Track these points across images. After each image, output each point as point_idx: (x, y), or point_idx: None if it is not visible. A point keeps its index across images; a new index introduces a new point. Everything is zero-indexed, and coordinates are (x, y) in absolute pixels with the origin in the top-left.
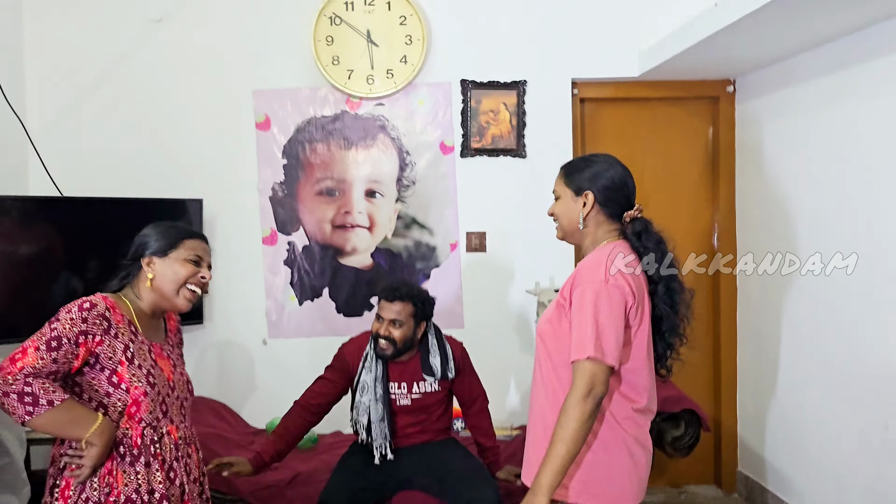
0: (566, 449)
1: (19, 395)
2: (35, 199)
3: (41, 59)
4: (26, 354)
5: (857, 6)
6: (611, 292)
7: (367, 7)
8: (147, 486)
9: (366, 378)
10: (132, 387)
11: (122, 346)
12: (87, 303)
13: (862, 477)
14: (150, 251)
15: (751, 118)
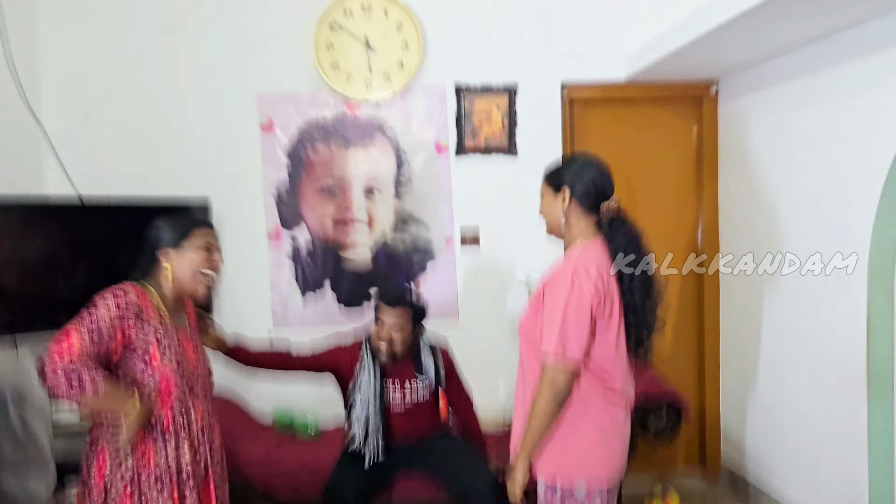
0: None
1: (66, 374)
2: (52, 201)
3: (57, 67)
4: (70, 337)
5: (826, 13)
6: (577, 295)
7: (365, 14)
8: (176, 463)
9: (363, 378)
10: (163, 367)
11: (152, 329)
12: (120, 290)
13: (833, 460)
14: (164, 244)
15: (733, 118)
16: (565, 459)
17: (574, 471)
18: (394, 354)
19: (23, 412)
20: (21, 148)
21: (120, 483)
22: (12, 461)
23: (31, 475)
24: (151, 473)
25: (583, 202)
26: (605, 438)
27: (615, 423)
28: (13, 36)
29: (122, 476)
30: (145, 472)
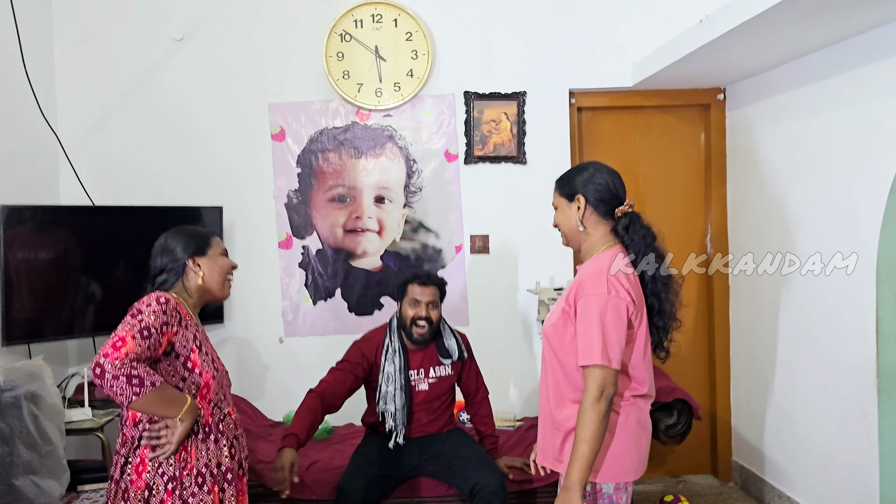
0: (589, 448)
1: (128, 378)
2: (69, 208)
3: (71, 77)
4: (125, 342)
5: (832, 21)
6: (615, 303)
7: (376, 24)
8: (216, 459)
9: (389, 369)
10: (204, 371)
11: (191, 335)
12: (163, 297)
13: (844, 460)
14: (191, 253)
15: (741, 125)
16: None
17: (607, 474)
18: (432, 334)
19: (36, 412)
20: (36, 157)
21: (161, 481)
22: (27, 460)
23: (45, 473)
24: (193, 470)
25: (598, 208)
26: (637, 441)
27: (644, 425)
28: (28, 46)
29: (163, 473)
30: (187, 469)
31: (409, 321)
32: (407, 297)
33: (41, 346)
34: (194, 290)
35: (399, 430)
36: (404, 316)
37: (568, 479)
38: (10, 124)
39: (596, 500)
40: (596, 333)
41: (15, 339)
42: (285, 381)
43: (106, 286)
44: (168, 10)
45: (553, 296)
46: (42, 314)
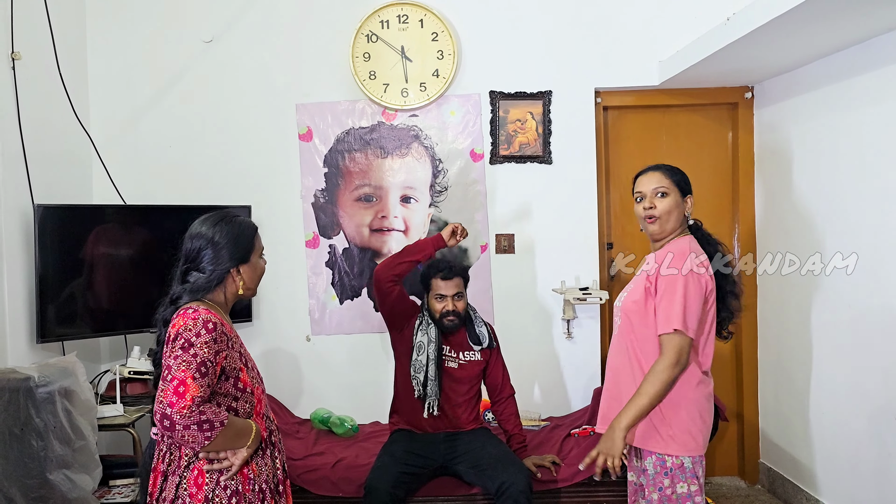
0: (649, 404)
1: (199, 425)
2: (101, 207)
3: (104, 79)
4: (188, 387)
5: (861, 18)
6: (696, 278)
7: (402, 25)
8: (272, 472)
9: (421, 339)
10: (255, 388)
11: (237, 354)
12: (210, 322)
13: (872, 462)
14: (234, 261)
15: (769, 123)
16: (675, 438)
17: (683, 447)
18: (461, 322)
19: (70, 408)
20: (70, 157)
21: (224, 494)
22: (60, 454)
23: (78, 468)
24: (255, 486)
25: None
26: (704, 415)
27: (710, 400)
28: (62, 50)
29: (226, 487)
30: (250, 484)
31: (438, 315)
32: (431, 291)
33: (74, 344)
34: (232, 297)
35: (432, 401)
36: (433, 310)
37: (618, 421)
38: (45, 126)
39: (674, 476)
40: (678, 302)
41: (49, 337)
42: (312, 379)
43: (137, 285)
44: (197, 13)
45: (579, 295)
46: (75, 312)
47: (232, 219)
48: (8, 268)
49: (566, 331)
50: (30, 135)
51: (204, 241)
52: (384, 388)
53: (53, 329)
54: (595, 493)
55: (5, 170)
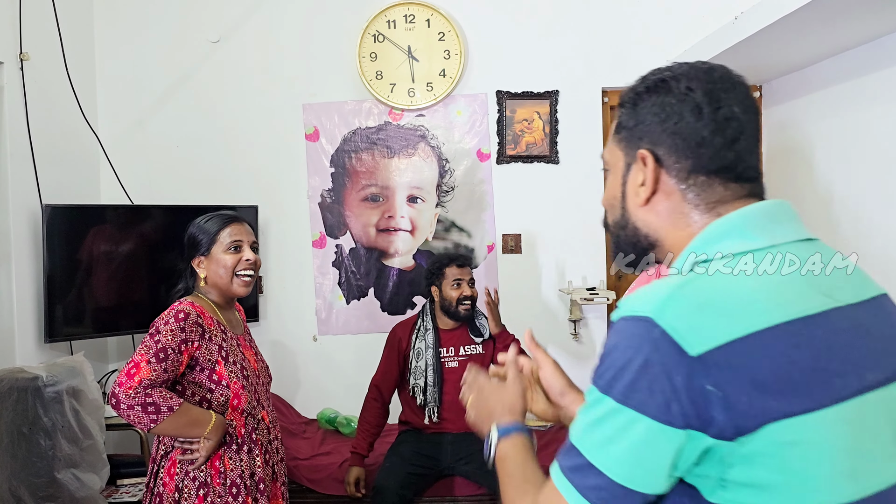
0: None
1: (143, 406)
2: (109, 207)
3: (112, 79)
4: (140, 368)
5: (871, 17)
6: None
7: (408, 25)
8: (249, 469)
9: (419, 346)
10: (231, 383)
11: (216, 346)
12: (181, 312)
13: None
14: (197, 252)
15: (778, 123)
16: None
17: None
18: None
19: (78, 407)
20: (78, 157)
21: (193, 485)
22: (68, 453)
23: (86, 467)
24: (227, 480)
25: None
26: None
27: None
28: (70, 50)
29: (194, 478)
30: (220, 478)
31: (454, 302)
32: (446, 280)
33: (82, 343)
34: (208, 291)
35: (431, 407)
36: (448, 298)
37: None
38: (52, 126)
39: None
40: None
41: (57, 336)
42: (319, 379)
43: (145, 284)
44: (205, 13)
45: (586, 296)
46: (83, 312)
47: (208, 216)
48: (16, 267)
49: (573, 331)
50: (38, 135)
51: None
52: None
53: (61, 329)
54: None
55: (13, 170)
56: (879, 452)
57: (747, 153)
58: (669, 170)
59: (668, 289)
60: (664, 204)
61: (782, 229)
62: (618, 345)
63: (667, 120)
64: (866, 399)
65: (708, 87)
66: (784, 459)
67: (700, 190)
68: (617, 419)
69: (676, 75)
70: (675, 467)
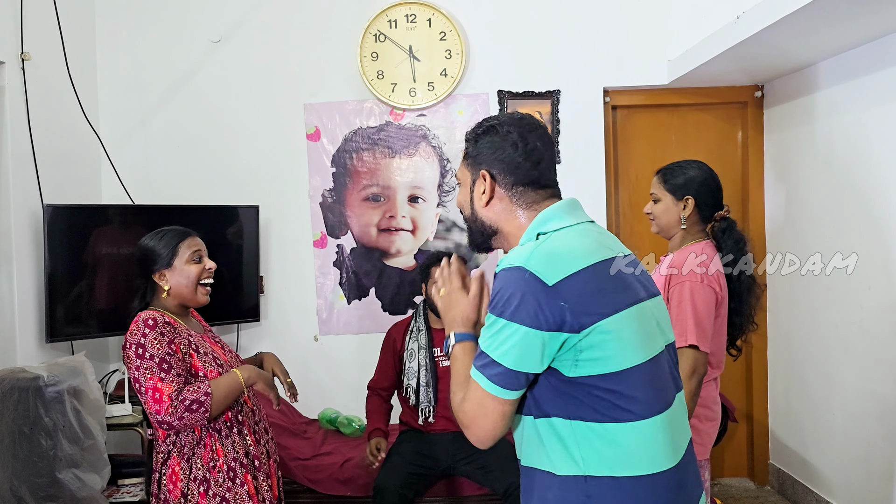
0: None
1: (188, 411)
2: (110, 207)
3: (113, 80)
4: (161, 390)
5: (871, 17)
6: (705, 290)
7: (410, 24)
8: (243, 450)
9: (412, 347)
10: (208, 372)
11: (186, 342)
12: (150, 319)
13: (884, 464)
14: (157, 266)
15: (779, 122)
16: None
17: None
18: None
19: (79, 407)
20: (79, 157)
21: (195, 486)
22: (69, 453)
23: (87, 467)
24: (224, 467)
25: (702, 212)
26: (709, 418)
27: (716, 403)
28: (72, 50)
29: (195, 478)
30: (216, 467)
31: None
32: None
33: (83, 343)
34: (168, 303)
35: (425, 408)
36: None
37: None
38: (54, 126)
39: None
40: (690, 316)
41: (58, 336)
42: (320, 378)
43: None
44: (206, 13)
45: None
46: (84, 311)
47: (160, 231)
48: (17, 267)
49: None
50: (39, 135)
51: (138, 251)
52: None
53: (62, 328)
54: None
55: (15, 170)
56: (651, 334)
57: (547, 170)
58: (500, 183)
59: (529, 248)
60: (499, 205)
61: (579, 214)
62: (504, 285)
63: (496, 151)
64: (641, 306)
65: (520, 130)
66: (607, 342)
67: (520, 195)
68: (507, 330)
69: (501, 122)
70: (544, 355)
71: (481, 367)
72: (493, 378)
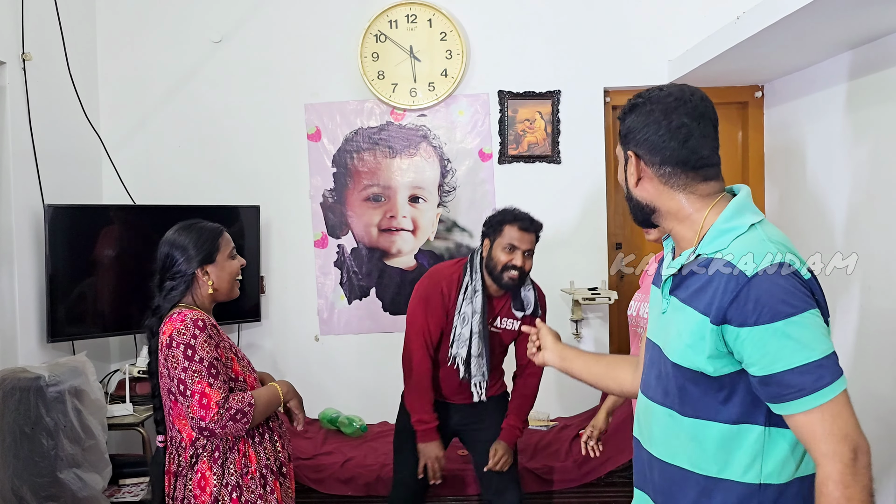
0: None
1: (233, 419)
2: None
3: (114, 80)
4: (209, 395)
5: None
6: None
7: (410, 24)
8: (273, 456)
9: (466, 310)
10: (247, 376)
11: (227, 345)
12: (199, 320)
13: (885, 462)
14: (198, 261)
15: (779, 123)
16: None
17: None
18: (521, 284)
19: (80, 407)
20: (80, 157)
21: (226, 491)
22: (70, 453)
23: (88, 467)
24: (256, 473)
25: None
26: None
27: None
28: (73, 51)
29: (227, 483)
30: (249, 473)
31: (500, 266)
32: (501, 238)
33: (84, 343)
34: (207, 299)
35: (478, 382)
36: (495, 259)
37: None
38: (55, 126)
39: None
40: None
41: (59, 336)
42: (321, 378)
43: (146, 284)
44: (206, 13)
45: (588, 295)
46: (85, 312)
47: (194, 224)
48: (18, 267)
49: (575, 331)
50: (40, 135)
51: (169, 247)
52: (392, 387)
53: (63, 328)
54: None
55: (16, 170)
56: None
57: (699, 148)
58: (647, 163)
59: (764, 239)
60: (649, 185)
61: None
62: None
63: (640, 131)
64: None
65: (664, 107)
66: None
67: (669, 176)
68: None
69: (646, 99)
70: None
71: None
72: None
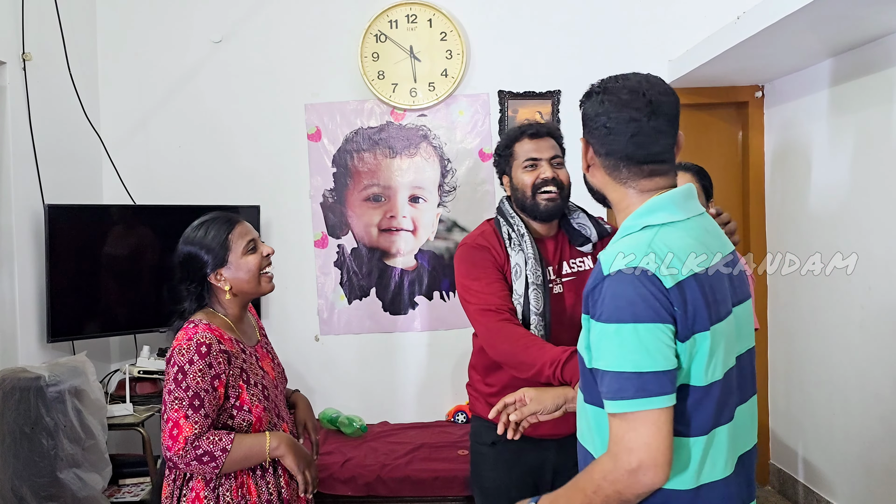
0: None
1: (198, 459)
2: (111, 207)
3: (114, 80)
4: (180, 427)
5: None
6: None
7: (410, 24)
8: (276, 490)
9: (517, 260)
10: (253, 407)
11: (238, 370)
12: (203, 346)
13: (885, 464)
14: (211, 267)
15: (780, 122)
16: None
17: None
18: (563, 203)
19: (80, 407)
20: (80, 157)
21: None
22: (70, 453)
23: (88, 467)
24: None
25: None
26: None
27: None
28: (73, 51)
29: None
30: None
31: (529, 191)
32: (516, 161)
33: (84, 343)
34: (229, 304)
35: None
36: (520, 187)
37: None
38: (55, 126)
39: None
40: None
41: (59, 336)
42: (321, 378)
43: (147, 284)
44: (206, 13)
45: None
46: (85, 312)
47: (203, 223)
48: (18, 267)
49: None
50: (40, 135)
51: (182, 252)
52: (393, 387)
53: (63, 328)
54: None
55: (16, 170)
56: (730, 349)
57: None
58: (596, 153)
59: (637, 242)
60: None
61: (691, 206)
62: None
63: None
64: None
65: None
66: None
67: (614, 168)
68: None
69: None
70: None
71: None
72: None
